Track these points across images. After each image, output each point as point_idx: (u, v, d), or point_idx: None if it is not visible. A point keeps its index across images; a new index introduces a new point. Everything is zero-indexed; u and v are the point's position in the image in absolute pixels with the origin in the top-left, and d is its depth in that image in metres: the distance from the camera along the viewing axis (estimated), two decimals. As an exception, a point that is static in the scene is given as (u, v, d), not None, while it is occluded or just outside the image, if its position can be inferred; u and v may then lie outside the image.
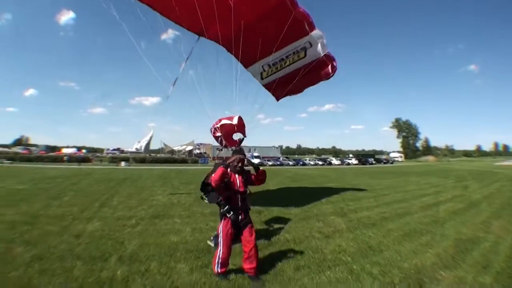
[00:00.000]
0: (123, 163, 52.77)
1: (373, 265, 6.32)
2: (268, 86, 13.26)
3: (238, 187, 5.78)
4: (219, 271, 5.46)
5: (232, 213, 5.65)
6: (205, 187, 7.73)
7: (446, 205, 13.71)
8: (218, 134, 10.53)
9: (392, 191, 19.11)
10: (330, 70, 11.78)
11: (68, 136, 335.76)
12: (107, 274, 5.54)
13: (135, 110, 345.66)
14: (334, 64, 11.81)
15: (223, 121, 10.50)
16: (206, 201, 7.79)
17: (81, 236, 7.71)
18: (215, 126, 10.52)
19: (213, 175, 5.57)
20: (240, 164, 5.81)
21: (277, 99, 13.85)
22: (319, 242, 7.80)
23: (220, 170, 5.41)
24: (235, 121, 10.61)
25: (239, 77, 10.40)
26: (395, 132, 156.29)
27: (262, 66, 12.71)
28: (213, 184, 5.48)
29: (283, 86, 12.66)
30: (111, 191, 16.08)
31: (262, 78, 12.96)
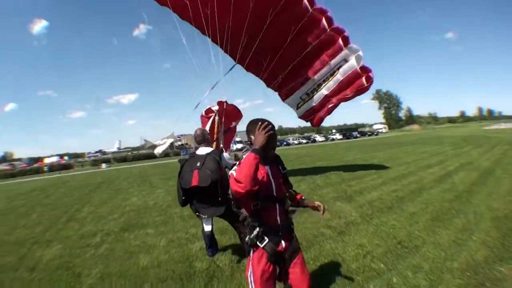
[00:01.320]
0: (104, 165, 53.89)
1: (416, 272, 4.73)
2: (304, 116, 13.49)
3: (274, 190, 3.09)
4: None
5: (267, 240, 2.98)
6: (188, 196, 5.47)
7: (460, 175, 12.51)
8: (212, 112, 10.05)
9: (393, 163, 17.80)
10: (364, 82, 11.35)
11: (51, 145, 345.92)
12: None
13: (114, 110, 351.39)
14: (370, 75, 11.42)
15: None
16: (204, 217, 5.67)
17: (37, 268, 6.28)
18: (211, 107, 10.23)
19: (233, 172, 2.88)
20: (272, 146, 3.15)
21: (316, 126, 14.54)
22: (334, 243, 6.14)
23: (251, 159, 2.72)
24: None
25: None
26: (376, 104, 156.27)
27: (301, 97, 12.75)
28: (242, 190, 2.68)
29: (320, 112, 12.83)
30: (84, 200, 14.98)
31: (297, 108, 12.87)
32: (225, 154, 5.76)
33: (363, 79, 11.24)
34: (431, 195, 9.50)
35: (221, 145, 9.79)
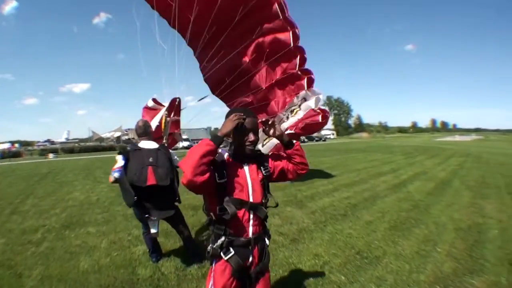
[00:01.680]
0: (51, 155, 52.38)
1: (380, 285, 4.59)
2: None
3: (250, 194, 2.66)
4: None
5: (233, 252, 2.62)
6: (141, 196, 4.78)
7: (415, 185, 12.85)
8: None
9: (343, 170, 18.05)
10: (320, 119, 11.53)
11: (6, 130, 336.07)
12: None
13: (65, 98, 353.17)
14: (327, 114, 11.80)
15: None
16: (153, 219, 5.06)
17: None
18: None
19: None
20: (251, 139, 2.64)
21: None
22: (287, 251, 5.89)
23: (201, 146, 2.37)
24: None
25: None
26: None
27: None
28: (183, 180, 2.33)
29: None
30: (29, 191, 14.63)
31: (263, 145, 12.55)
32: (172, 151, 5.38)
33: (320, 116, 11.54)
34: (386, 204, 9.60)
35: (164, 141, 9.27)
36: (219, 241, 2.58)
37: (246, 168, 2.69)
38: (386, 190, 11.80)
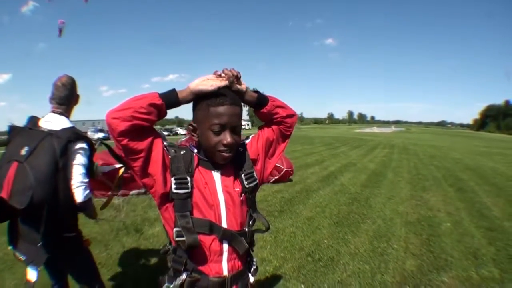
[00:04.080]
0: None
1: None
2: None
3: (219, 216, 1.71)
4: None
5: None
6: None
7: (346, 176, 13.13)
8: None
9: (265, 162, 17.81)
10: None
11: None
12: None
13: None
14: None
15: None
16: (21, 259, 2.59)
17: None
18: None
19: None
20: (226, 140, 1.64)
21: None
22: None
23: (148, 95, 1.54)
24: None
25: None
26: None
27: None
28: (114, 127, 1.43)
29: None
30: None
31: None
32: (81, 148, 2.62)
33: None
34: (322, 197, 9.58)
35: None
36: (178, 280, 1.70)
37: (217, 176, 1.79)
38: (318, 182, 11.85)
